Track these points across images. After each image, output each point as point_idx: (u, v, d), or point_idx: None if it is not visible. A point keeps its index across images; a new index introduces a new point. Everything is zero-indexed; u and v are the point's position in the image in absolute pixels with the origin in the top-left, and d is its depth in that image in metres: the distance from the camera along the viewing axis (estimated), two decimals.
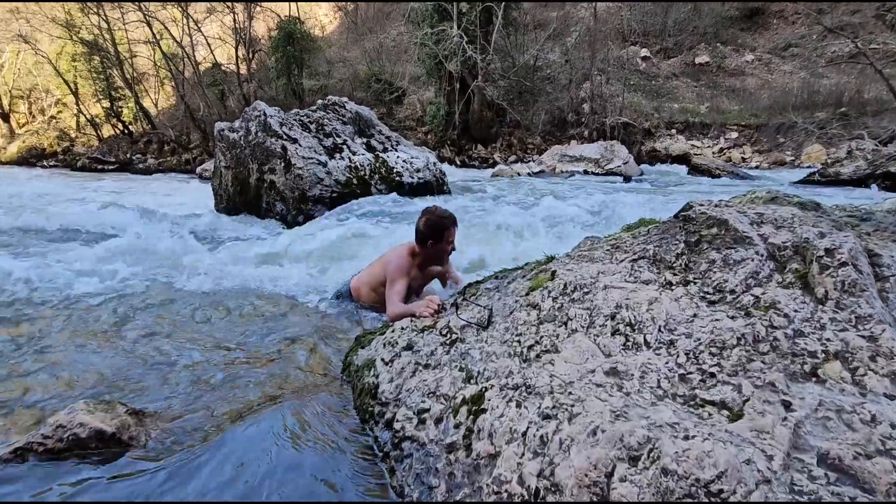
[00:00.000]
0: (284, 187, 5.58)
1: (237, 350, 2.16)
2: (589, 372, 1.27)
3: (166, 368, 1.98)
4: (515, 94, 21.16)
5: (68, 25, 24.46)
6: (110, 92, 24.95)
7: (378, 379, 1.55)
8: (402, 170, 6.22)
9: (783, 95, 19.01)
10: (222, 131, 6.06)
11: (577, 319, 1.47)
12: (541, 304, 1.64)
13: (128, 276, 3.26)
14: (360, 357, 1.83)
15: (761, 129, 18.51)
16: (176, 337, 2.31)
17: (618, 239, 1.97)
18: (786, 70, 21.05)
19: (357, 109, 6.58)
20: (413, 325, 1.82)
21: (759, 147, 18.20)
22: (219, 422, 1.59)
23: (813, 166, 14.26)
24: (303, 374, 1.89)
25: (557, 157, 15.04)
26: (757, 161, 17.30)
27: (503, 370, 1.40)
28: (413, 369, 1.55)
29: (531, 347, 1.47)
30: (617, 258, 1.72)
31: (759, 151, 17.98)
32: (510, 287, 2.04)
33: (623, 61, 21.24)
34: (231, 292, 3.02)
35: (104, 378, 1.90)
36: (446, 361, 1.53)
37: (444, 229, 2.59)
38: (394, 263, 2.59)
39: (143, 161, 22.55)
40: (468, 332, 1.69)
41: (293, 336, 2.35)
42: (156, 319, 2.53)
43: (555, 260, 2.08)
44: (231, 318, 2.56)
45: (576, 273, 1.73)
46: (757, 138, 18.49)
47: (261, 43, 25.32)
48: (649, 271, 1.52)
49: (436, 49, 17.87)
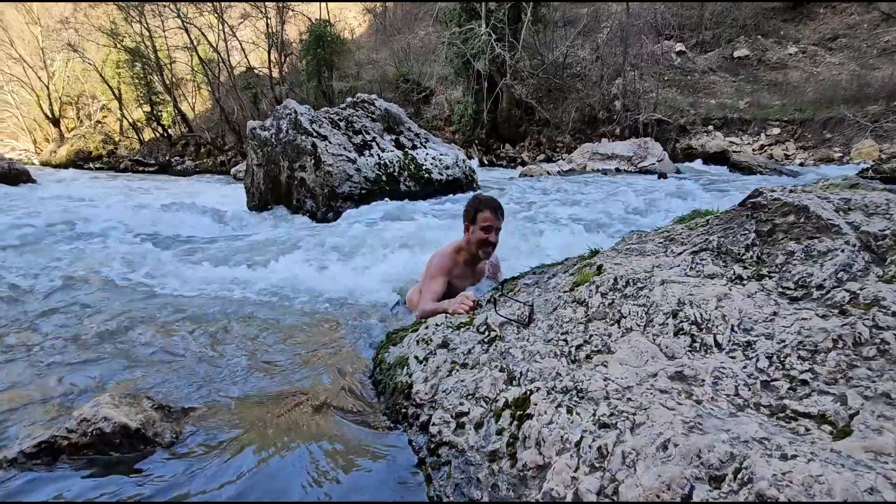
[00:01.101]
0: (314, 184, 5.58)
1: (272, 351, 2.10)
2: (650, 376, 1.12)
3: (196, 365, 1.94)
4: (544, 91, 20.81)
5: (113, 34, 25.62)
6: (151, 97, 26.01)
7: (412, 378, 1.45)
8: (431, 167, 6.13)
9: (830, 89, 17.97)
10: (254, 129, 6.12)
11: (632, 317, 1.32)
12: (588, 300, 1.49)
13: (162, 271, 3.28)
14: (391, 355, 1.74)
15: (806, 125, 17.56)
16: (209, 335, 2.27)
17: (670, 231, 1.80)
18: (833, 62, 19.92)
19: (386, 107, 6.54)
20: (448, 321, 1.71)
21: (803, 143, 17.28)
22: (249, 423, 1.52)
23: (864, 163, 13.39)
24: (339, 377, 1.81)
25: (588, 154, 14.64)
26: (801, 158, 16.42)
27: (549, 371, 1.27)
28: (449, 368, 1.44)
29: (580, 347, 1.33)
30: (673, 251, 1.56)
31: (804, 148, 17.06)
32: (551, 282, 1.90)
33: (657, 56, 20.57)
34: (268, 293, 2.99)
35: (133, 373, 1.87)
36: (485, 361, 1.41)
37: (475, 210, 2.40)
38: (434, 262, 2.47)
39: (181, 163, 23.37)
40: (508, 329, 1.56)
41: (330, 338, 2.27)
42: (187, 318, 2.51)
43: (600, 254, 1.93)
44: (268, 319, 2.51)
45: (626, 267, 1.58)
46: (801, 134, 17.56)
47: (292, 46, 25.84)
48: (714, 264, 1.36)
49: (464, 48, 17.76)
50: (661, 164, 13.01)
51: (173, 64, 26.90)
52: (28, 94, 30.57)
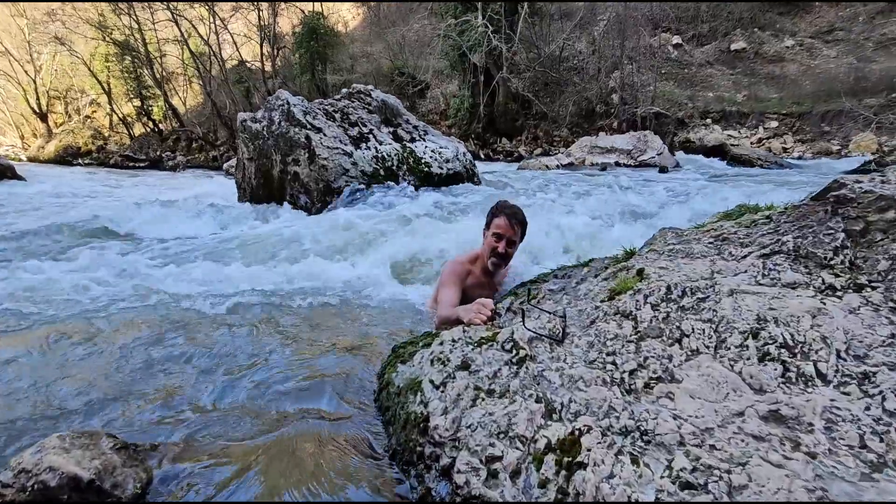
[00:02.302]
0: (308, 179, 5.31)
1: (261, 366, 1.83)
2: (735, 415, 0.89)
3: (172, 387, 1.67)
4: (541, 85, 20.55)
5: (101, 27, 25.04)
6: (141, 91, 25.48)
7: (427, 409, 1.20)
8: (430, 160, 5.87)
9: (828, 82, 17.90)
10: (245, 122, 5.83)
11: (698, 336, 1.08)
12: (635, 312, 1.26)
13: (141, 276, 3.01)
14: (399, 375, 1.48)
15: (804, 118, 17.49)
16: (188, 346, 2.00)
17: (719, 229, 1.57)
18: (830, 55, 19.82)
19: (383, 97, 6.26)
20: (466, 336, 1.45)
21: (801, 136, 17.21)
22: (231, 465, 1.28)
23: (863, 156, 13.29)
24: (339, 401, 1.55)
25: (587, 148, 14.41)
26: (799, 151, 16.36)
27: (599, 404, 1.04)
28: (473, 396, 1.19)
29: (633, 373, 1.09)
30: (732, 253, 1.33)
31: (802, 141, 16.99)
32: (581, 289, 1.67)
33: (654, 49, 20.37)
34: (257, 294, 2.72)
35: (96, 400, 1.60)
36: (517, 387, 1.17)
37: (492, 215, 2.28)
38: (446, 269, 2.35)
39: (172, 158, 22.92)
40: (538, 346, 1.32)
41: (326, 348, 2.00)
42: (163, 326, 2.24)
43: (636, 256, 1.69)
44: (257, 326, 2.25)
45: (677, 273, 1.34)
46: (799, 127, 17.49)
47: (285, 40, 25.38)
48: (794, 271, 1.13)
49: (460, 40, 17.43)
50: (660, 157, 12.82)
51: (163, 57, 26.35)
52: (14, 88, 29.89)
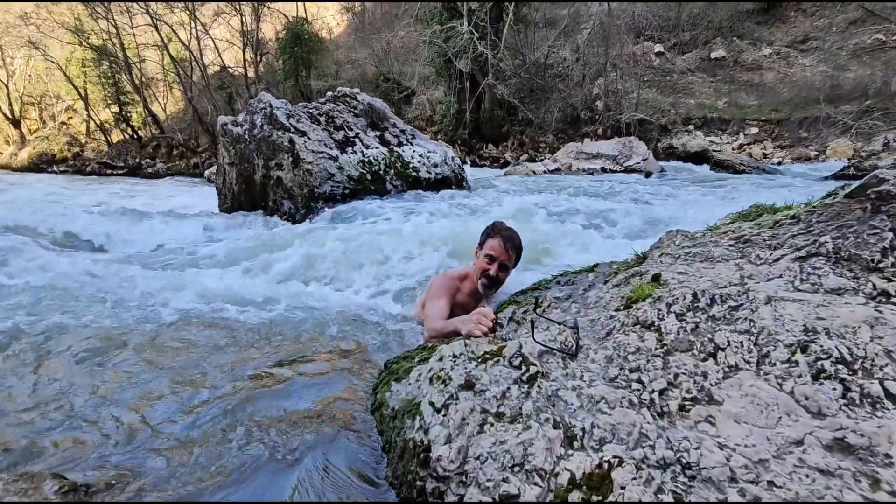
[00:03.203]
0: (292, 184, 5.12)
1: (237, 390, 1.63)
2: (792, 444, 0.76)
3: (134, 416, 1.48)
4: (526, 92, 20.67)
5: (77, 31, 24.44)
6: (119, 97, 24.90)
7: (429, 436, 1.05)
8: (418, 165, 5.74)
9: (804, 89, 18.43)
10: (225, 125, 5.62)
11: (735, 350, 0.96)
12: (658, 322, 1.13)
13: (108, 284, 2.79)
14: (394, 395, 1.32)
15: (783, 124, 17.93)
16: (149, 372, 1.78)
17: (736, 231, 1.46)
18: (805, 63, 20.42)
19: (369, 101, 6.12)
20: (468, 351, 1.30)
21: (780, 142, 17.64)
22: (207, 486, 1.11)
23: (839, 161, 13.62)
24: (320, 425, 1.38)
25: (573, 154, 14.47)
26: (779, 157, 16.76)
27: (627, 429, 0.90)
28: (480, 421, 1.04)
29: (664, 393, 0.96)
30: (760, 256, 1.21)
31: (781, 147, 17.42)
32: (590, 296, 1.54)
33: (637, 57, 20.71)
34: (235, 308, 2.53)
35: (44, 432, 1.40)
36: (530, 410, 1.03)
37: (486, 235, 2.19)
38: (436, 281, 2.25)
39: (152, 165, 22.37)
40: (550, 362, 1.19)
41: (311, 367, 1.83)
42: (127, 346, 2.03)
43: (648, 260, 1.57)
44: (233, 343, 2.06)
45: (699, 278, 1.22)
46: (778, 133, 17.92)
47: (268, 45, 25.11)
48: (836, 275, 1.01)
49: (445, 46, 17.43)
50: (645, 162, 12.92)
51: (143, 63, 25.82)
52: None
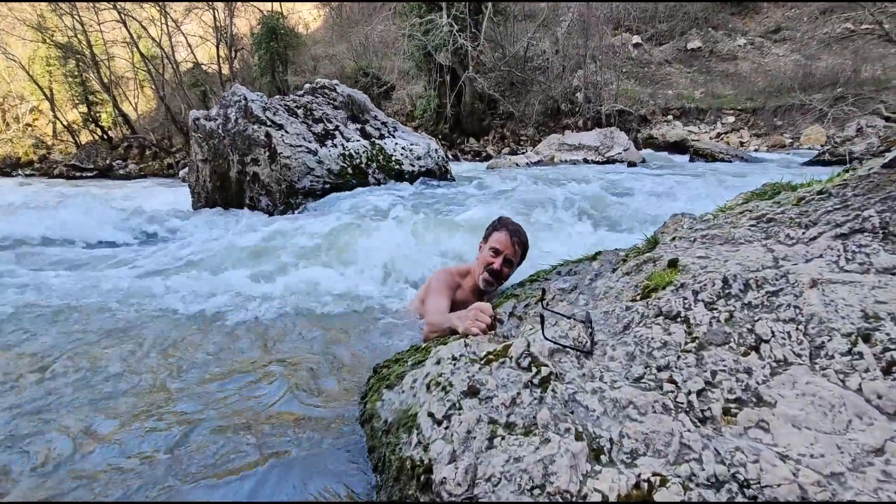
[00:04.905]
0: (270, 179, 4.95)
1: (203, 399, 1.48)
2: (870, 452, 0.69)
3: (95, 426, 1.34)
4: (507, 85, 20.62)
5: (40, 28, 23.44)
6: (87, 96, 24.01)
7: (429, 453, 0.91)
8: (401, 157, 5.61)
9: (778, 78, 18.85)
10: (198, 120, 5.40)
11: (782, 341, 0.88)
12: (685, 313, 1.04)
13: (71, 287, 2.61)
14: (386, 405, 1.17)
15: (758, 113, 18.32)
16: (115, 378, 1.64)
17: (754, 210, 1.38)
18: (778, 53, 20.87)
19: (349, 92, 5.96)
20: (469, 351, 1.17)
21: (756, 131, 18.03)
22: None
23: (813, 147, 13.93)
24: (301, 437, 1.24)
25: (555, 146, 14.48)
26: (755, 145, 17.11)
27: (664, 439, 0.81)
28: (488, 434, 0.91)
29: (702, 394, 0.87)
30: (791, 236, 1.14)
31: (757, 135, 17.80)
32: (597, 286, 1.45)
33: (616, 48, 20.86)
34: (211, 307, 2.39)
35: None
36: (546, 419, 0.91)
37: (492, 228, 2.10)
38: (435, 276, 2.12)
39: (124, 167, 21.64)
40: (563, 361, 1.07)
41: (287, 371, 1.69)
42: (88, 352, 1.87)
43: (660, 245, 1.49)
44: (206, 348, 1.92)
45: (724, 261, 1.14)
46: (754, 122, 18.30)
47: (243, 41, 24.51)
48: (887, 252, 0.95)
49: (425, 39, 17.24)
50: (627, 153, 13.00)
51: (111, 61, 24.94)
52: None
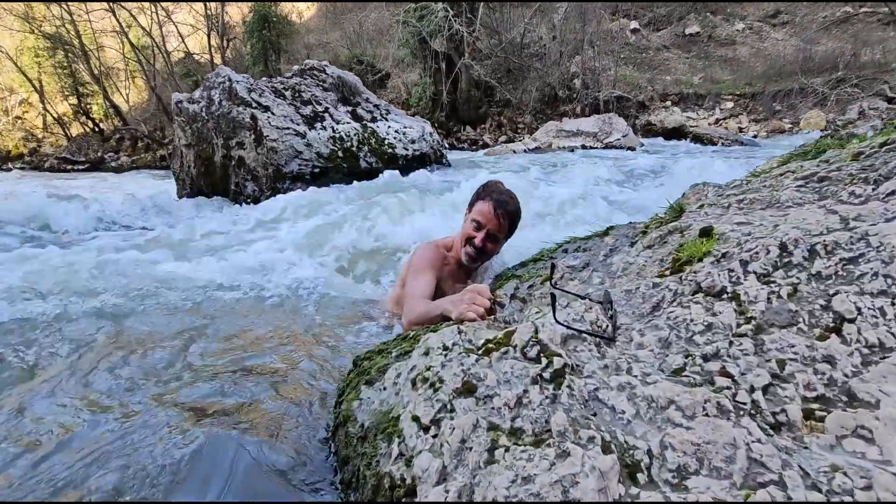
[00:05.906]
0: (256, 164, 4.76)
1: (157, 398, 1.31)
2: None
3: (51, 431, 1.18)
4: (503, 72, 20.32)
5: (28, 18, 22.98)
6: (77, 88, 23.64)
7: (412, 470, 0.72)
8: (394, 141, 5.43)
9: (777, 63, 18.70)
10: (180, 103, 5.19)
11: (874, 320, 0.71)
12: (732, 288, 0.87)
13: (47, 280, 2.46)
14: (364, 406, 0.96)
15: (757, 98, 18.17)
16: (62, 376, 1.47)
17: (800, 171, 1.22)
18: (777, 38, 20.63)
19: (339, 74, 5.75)
20: (463, 339, 0.94)
21: (755, 116, 17.89)
22: None
23: (812, 132, 13.78)
24: (266, 444, 1.05)
25: (553, 133, 14.28)
26: (754, 130, 16.99)
27: (725, 452, 0.62)
28: (488, 444, 0.71)
29: (769, 391, 0.69)
30: (856, 193, 0.98)
31: (756, 120, 17.66)
32: (613, 262, 1.27)
33: (613, 34, 20.59)
34: (184, 298, 2.23)
35: None
36: (562, 425, 0.70)
37: (476, 197, 1.87)
38: (417, 253, 1.88)
39: (116, 159, 21.35)
40: (580, 350, 0.87)
41: (255, 363, 1.53)
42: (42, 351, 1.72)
43: (686, 213, 1.32)
44: (166, 343, 1.76)
45: (777, 228, 0.96)
46: (753, 107, 18.15)
47: (235, 30, 24.09)
48: None
49: (419, 26, 16.91)
50: (626, 139, 12.83)
51: (101, 51, 24.50)
52: None
